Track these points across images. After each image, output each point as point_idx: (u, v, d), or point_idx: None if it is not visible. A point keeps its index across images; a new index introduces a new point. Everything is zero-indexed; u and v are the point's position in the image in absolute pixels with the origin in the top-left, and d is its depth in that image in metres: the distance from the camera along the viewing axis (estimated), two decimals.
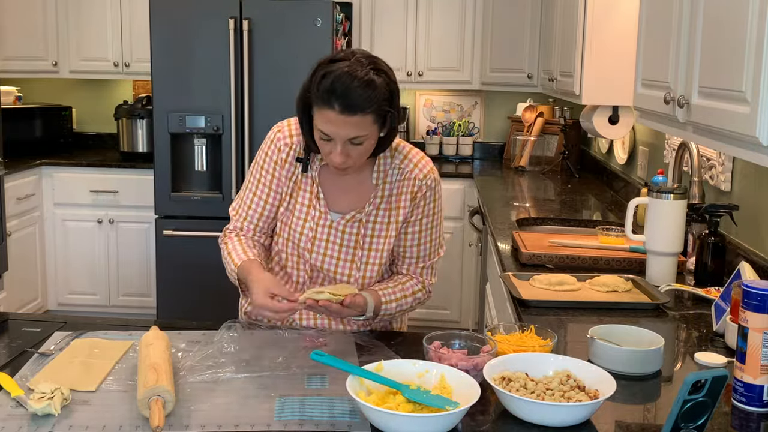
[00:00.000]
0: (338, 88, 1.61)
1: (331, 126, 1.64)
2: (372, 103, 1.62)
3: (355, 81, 1.61)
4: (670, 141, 3.03)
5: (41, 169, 4.66)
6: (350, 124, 1.63)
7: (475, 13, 4.80)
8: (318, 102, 1.64)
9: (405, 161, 1.84)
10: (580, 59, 3.22)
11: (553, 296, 2.01)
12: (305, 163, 1.82)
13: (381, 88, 1.64)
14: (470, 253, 4.59)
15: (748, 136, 1.44)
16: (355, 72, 1.62)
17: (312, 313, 1.90)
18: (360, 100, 1.61)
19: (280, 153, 1.85)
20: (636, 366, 1.54)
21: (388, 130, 1.73)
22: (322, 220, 1.84)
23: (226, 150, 4.16)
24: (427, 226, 1.88)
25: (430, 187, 1.85)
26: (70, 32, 4.88)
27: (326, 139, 1.68)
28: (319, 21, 4.00)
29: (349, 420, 1.36)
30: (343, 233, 1.84)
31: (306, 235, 1.84)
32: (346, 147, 1.68)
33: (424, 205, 1.85)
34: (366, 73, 1.62)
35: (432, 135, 5.17)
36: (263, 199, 1.87)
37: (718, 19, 1.61)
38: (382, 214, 1.84)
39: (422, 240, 1.89)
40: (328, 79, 1.62)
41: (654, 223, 2.16)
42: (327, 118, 1.64)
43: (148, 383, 1.38)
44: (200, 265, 4.20)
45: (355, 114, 1.62)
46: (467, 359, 1.48)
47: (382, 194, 1.84)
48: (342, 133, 1.65)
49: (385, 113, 1.68)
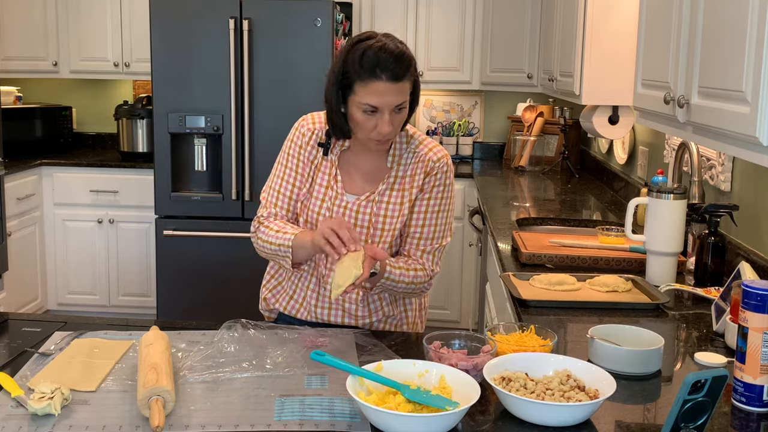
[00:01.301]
0: (382, 59, 1.74)
1: (379, 97, 1.76)
2: (409, 70, 1.78)
3: (394, 52, 1.76)
4: (670, 141, 3.03)
5: (41, 169, 4.66)
6: (396, 91, 1.77)
7: (475, 13, 4.80)
8: (363, 77, 1.76)
9: (420, 146, 1.94)
10: (580, 59, 3.22)
11: (553, 296, 2.01)
12: (326, 146, 1.93)
13: (410, 57, 1.80)
14: (470, 253, 4.59)
15: (748, 136, 1.44)
16: (388, 45, 1.77)
17: (325, 303, 1.96)
18: (402, 68, 1.76)
19: (303, 137, 1.96)
20: (636, 366, 1.54)
21: (413, 101, 1.86)
22: (338, 201, 1.92)
23: (226, 150, 4.16)
24: (434, 209, 1.93)
25: (442, 170, 1.93)
26: (71, 32, 4.88)
27: (371, 111, 1.78)
28: (319, 21, 4.00)
29: (349, 420, 1.36)
30: (357, 213, 1.91)
31: (323, 215, 1.92)
32: (392, 115, 1.79)
33: (433, 186, 1.92)
34: (396, 45, 1.78)
35: (432, 135, 5.17)
36: (291, 183, 1.96)
37: (718, 19, 1.61)
38: (395, 195, 1.91)
39: (427, 222, 1.93)
40: (368, 54, 1.75)
41: (654, 223, 2.16)
42: (375, 90, 1.75)
43: (148, 383, 1.38)
44: (200, 265, 4.21)
45: (399, 80, 1.76)
46: (467, 359, 1.48)
47: (395, 175, 1.92)
48: (390, 100, 1.77)
49: (414, 81, 1.83)
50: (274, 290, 2.05)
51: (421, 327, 2.09)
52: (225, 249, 4.19)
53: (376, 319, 1.97)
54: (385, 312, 1.97)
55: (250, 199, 4.15)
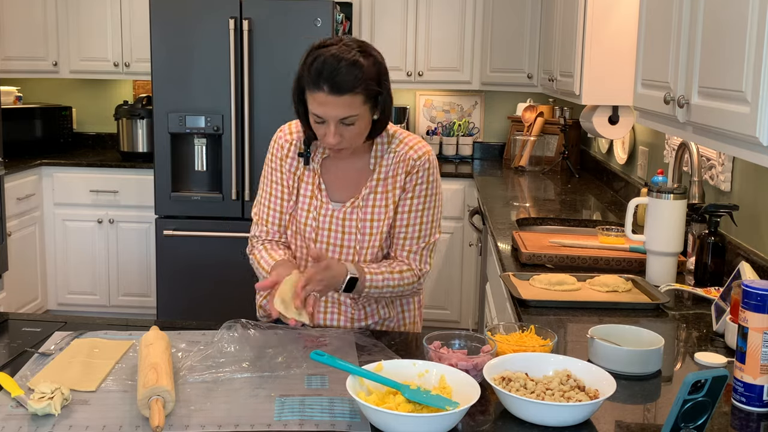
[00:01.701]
0: (326, 69, 1.68)
1: (321, 107, 1.71)
2: (358, 82, 1.70)
3: (342, 62, 1.68)
4: (670, 141, 3.03)
5: (41, 169, 4.66)
6: (339, 104, 1.70)
7: (475, 13, 4.80)
8: (309, 85, 1.72)
9: (401, 145, 1.90)
10: (580, 59, 3.22)
11: (553, 296, 2.01)
12: (306, 156, 1.90)
13: (368, 69, 1.71)
14: (470, 253, 4.59)
15: (748, 136, 1.44)
16: (341, 54, 1.70)
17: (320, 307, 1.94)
18: (346, 80, 1.68)
19: (282, 150, 1.94)
20: (636, 366, 1.54)
21: (381, 113, 1.79)
22: (324, 210, 1.90)
23: (226, 150, 4.16)
24: (418, 208, 1.90)
25: (423, 167, 1.89)
26: (71, 32, 4.88)
27: (320, 121, 1.75)
28: (319, 21, 4.00)
29: (349, 420, 1.36)
30: (343, 221, 1.89)
31: (310, 225, 1.91)
32: (338, 128, 1.74)
33: (416, 185, 1.89)
34: (353, 55, 1.70)
35: (432, 135, 5.17)
36: (278, 197, 1.95)
37: (718, 19, 1.61)
38: (380, 197, 1.89)
39: (411, 221, 1.90)
40: (317, 62, 1.70)
41: (654, 223, 2.16)
42: (318, 100, 1.71)
43: (148, 383, 1.38)
44: (200, 265, 4.21)
45: (342, 94, 1.69)
46: (467, 359, 1.48)
47: (377, 177, 1.89)
48: (332, 113, 1.71)
49: (375, 94, 1.74)
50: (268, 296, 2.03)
51: (418, 327, 2.08)
52: (225, 249, 4.19)
53: (372, 321, 1.96)
54: (381, 315, 1.97)
55: (250, 199, 4.15)
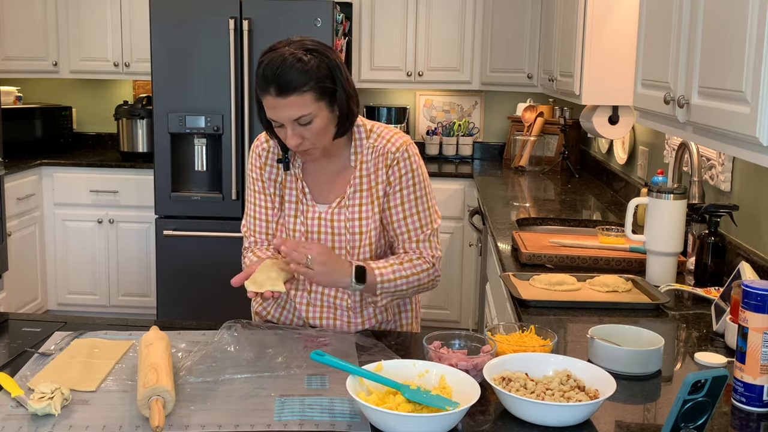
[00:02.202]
0: (269, 73, 1.67)
1: (272, 111, 1.71)
2: (304, 80, 1.67)
3: (284, 63, 1.67)
4: (670, 141, 3.03)
5: (41, 169, 4.66)
6: (288, 105, 1.68)
7: (475, 13, 4.80)
8: (260, 90, 1.71)
9: (379, 139, 1.87)
10: (580, 59, 3.22)
11: (553, 296, 2.01)
12: (285, 162, 1.88)
13: (313, 66, 1.69)
14: (470, 253, 4.59)
15: (748, 136, 1.44)
16: (283, 55, 1.68)
17: (316, 312, 1.92)
18: (289, 80, 1.66)
19: (260, 158, 1.93)
20: (636, 366, 1.54)
21: (341, 108, 1.76)
22: (311, 213, 1.89)
23: (226, 150, 4.16)
24: (410, 198, 1.88)
25: (403, 158, 1.86)
26: (71, 32, 4.88)
27: (278, 125, 1.74)
28: (319, 21, 4.00)
29: (349, 420, 1.36)
30: (332, 222, 1.88)
31: (299, 230, 1.89)
32: (296, 129, 1.72)
33: (400, 177, 1.86)
34: (293, 54, 1.68)
35: (432, 135, 5.17)
36: (263, 206, 1.94)
37: (718, 19, 1.61)
38: (365, 195, 1.87)
39: (407, 213, 1.88)
40: (262, 66, 1.69)
41: (654, 223, 2.16)
42: (269, 104, 1.70)
43: (148, 383, 1.38)
44: (200, 265, 4.21)
45: (289, 94, 1.67)
46: (467, 359, 1.48)
47: (360, 174, 1.87)
48: (284, 115, 1.70)
49: (328, 90, 1.71)
50: (264, 303, 2.02)
51: (417, 329, 2.07)
52: (225, 249, 4.19)
53: (369, 326, 1.94)
54: (378, 319, 1.94)
55: None
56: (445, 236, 4.58)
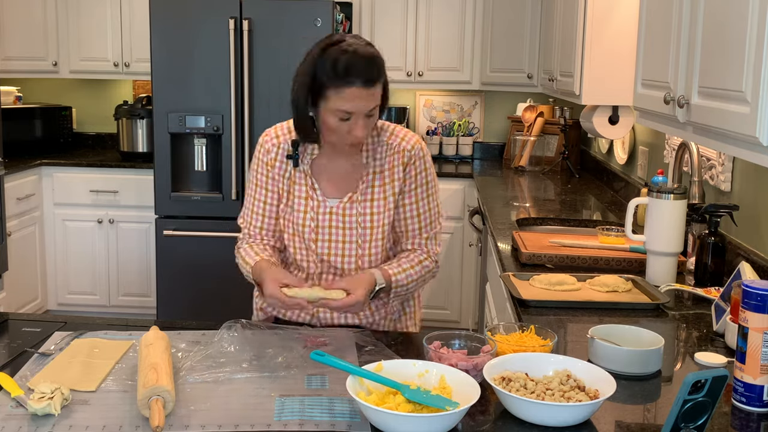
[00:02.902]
0: (354, 65, 1.71)
1: (351, 102, 1.73)
2: (381, 73, 1.77)
3: (365, 57, 1.74)
4: (670, 141, 3.03)
5: (41, 169, 4.66)
6: (370, 95, 1.75)
7: (475, 13, 4.80)
8: (337, 83, 1.73)
9: (392, 137, 1.93)
10: (580, 59, 3.22)
11: (553, 296, 2.01)
12: (295, 158, 1.89)
13: (381, 59, 1.78)
14: (470, 253, 4.59)
15: (748, 136, 1.44)
16: (359, 50, 1.74)
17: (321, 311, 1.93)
18: (374, 72, 1.74)
19: (269, 153, 1.93)
20: (636, 366, 1.54)
21: (384, 101, 1.84)
22: (322, 209, 1.90)
23: (226, 150, 4.16)
24: (423, 196, 1.93)
25: (419, 156, 1.92)
26: (70, 32, 4.88)
27: (346, 118, 1.76)
28: (319, 21, 4.00)
29: (349, 420, 1.36)
30: (343, 217, 1.89)
31: (309, 225, 1.90)
32: (364, 119, 1.77)
33: (416, 174, 1.91)
34: (367, 48, 1.76)
35: (432, 135, 5.17)
36: (263, 201, 1.95)
37: (718, 19, 1.61)
38: (378, 190, 1.90)
39: (420, 210, 1.93)
40: (341, 60, 1.72)
41: (654, 223, 2.16)
42: (349, 96, 1.73)
43: (148, 383, 1.38)
44: (200, 265, 4.21)
45: (373, 85, 1.74)
46: (467, 359, 1.48)
47: (374, 171, 1.90)
48: (364, 105, 1.75)
49: (385, 82, 1.81)
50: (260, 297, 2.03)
51: (417, 329, 2.08)
52: (225, 249, 4.16)
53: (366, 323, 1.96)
54: (376, 318, 1.97)
55: None
56: (445, 236, 4.58)
